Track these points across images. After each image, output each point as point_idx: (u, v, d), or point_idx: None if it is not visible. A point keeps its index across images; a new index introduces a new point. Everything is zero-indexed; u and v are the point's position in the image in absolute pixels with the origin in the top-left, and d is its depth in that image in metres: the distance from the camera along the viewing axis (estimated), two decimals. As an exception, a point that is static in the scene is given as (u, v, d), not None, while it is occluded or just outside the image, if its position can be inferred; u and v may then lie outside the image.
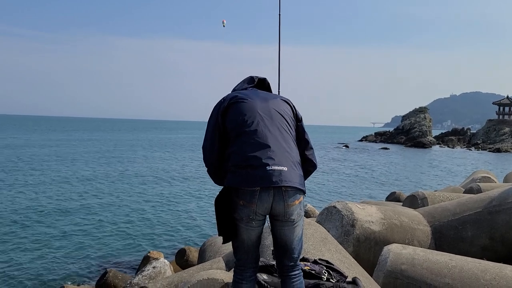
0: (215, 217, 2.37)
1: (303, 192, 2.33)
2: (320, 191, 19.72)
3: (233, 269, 2.55)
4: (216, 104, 2.52)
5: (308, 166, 2.52)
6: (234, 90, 2.67)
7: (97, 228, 12.30)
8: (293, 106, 2.61)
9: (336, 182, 23.29)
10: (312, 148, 2.59)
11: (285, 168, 2.25)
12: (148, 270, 6.90)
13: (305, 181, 2.42)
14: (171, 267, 7.34)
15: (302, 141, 2.53)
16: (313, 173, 2.63)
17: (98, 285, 7.52)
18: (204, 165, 2.53)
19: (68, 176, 22.35)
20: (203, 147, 2.51)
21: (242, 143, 2.30)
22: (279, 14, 5.43)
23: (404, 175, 28.63)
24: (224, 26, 6.06)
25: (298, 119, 2.58)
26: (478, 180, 9.14)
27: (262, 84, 2.74)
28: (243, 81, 2.72)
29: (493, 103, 74.70)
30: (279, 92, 5.32)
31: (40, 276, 8.55)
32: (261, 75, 2.75)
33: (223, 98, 2.53)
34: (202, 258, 5.76)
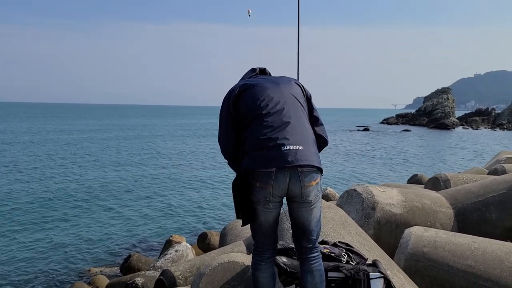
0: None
1: (320, 171, 2.33)
2: (340, 174, 19.56)
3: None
4: (226, 95, 2.52)
5: (319, 142, 2.53)
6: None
7: (121, 213, 12.58)
8: (302, 85, 2.62)
9: (356, 165, 23.06)
10: (322, 124, 2.61)
11: (300, 147, 2.26)
12: (170, 253, 7.04)
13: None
14: (193, 251, 7.47)
15: (312, 117, 2.55)
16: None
17: (122, 268, 7.73)
18: (223, 157, 2.55)
19: (96, 162, 22.84)
20: (218, 140, 2.54)
21: (257, 126, 2.31)
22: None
23: (427, 157, 28.19)
24: (249, 16, 5.99)
25: (307, 98, 2.59)
26: (502, 161, 8.92)
27: (263, 73, 2.74)
28: (247, 73, 2.73)
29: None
30: (298, 73, 5.26)
31: (65, 260, 8.81)
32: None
33: (232, 88, 2.53)
34: (223, 241, 5.82)
